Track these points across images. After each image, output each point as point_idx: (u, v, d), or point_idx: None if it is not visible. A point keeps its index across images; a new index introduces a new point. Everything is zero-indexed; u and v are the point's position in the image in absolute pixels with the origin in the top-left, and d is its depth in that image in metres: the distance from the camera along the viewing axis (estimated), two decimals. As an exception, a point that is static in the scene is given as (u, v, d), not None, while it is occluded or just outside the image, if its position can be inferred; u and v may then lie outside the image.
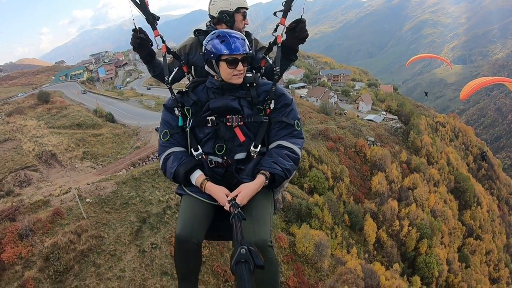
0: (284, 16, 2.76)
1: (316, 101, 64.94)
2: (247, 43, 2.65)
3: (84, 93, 65.62)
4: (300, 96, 70.68)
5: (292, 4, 2.71)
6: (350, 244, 31.96)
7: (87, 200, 23.72)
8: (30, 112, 45.43)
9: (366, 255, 33.28)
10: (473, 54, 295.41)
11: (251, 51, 2.68)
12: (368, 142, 48.58)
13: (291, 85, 79.28)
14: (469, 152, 76.50)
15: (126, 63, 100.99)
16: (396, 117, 65.77)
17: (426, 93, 66.31)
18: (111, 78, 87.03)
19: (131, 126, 40.56)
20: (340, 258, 28.16)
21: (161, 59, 3.11)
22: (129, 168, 29.50)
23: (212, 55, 2.60)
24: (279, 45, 2.86)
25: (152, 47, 3.04)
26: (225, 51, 2.55)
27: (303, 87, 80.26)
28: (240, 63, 2.58)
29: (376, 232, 36.90)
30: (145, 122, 39.12)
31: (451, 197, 54.19)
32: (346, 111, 64.09)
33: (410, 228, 40.34)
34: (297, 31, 2.76)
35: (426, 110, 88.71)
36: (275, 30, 2.87)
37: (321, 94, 69.24)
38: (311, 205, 31.05)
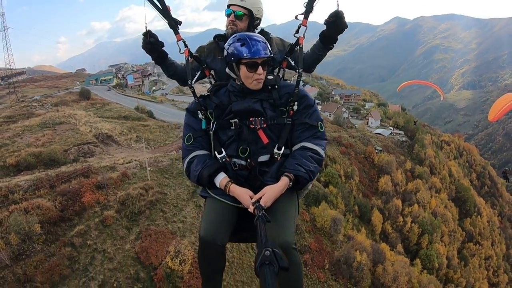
0: (306, 17, 2.90)
1: (330, 116, 71.00)
2: (269, 46, 2.72)
3: (108, 90, 71.98)
4: (315, 111, 76.72)
5: (314, 5, 2.85)
6: (359, 230, 37.76)
7: (148, 168, 27.36)
8: (74, 105, 49.41)
9: (373, 242, 39.08)
10: (483, 80, 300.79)
11: (272, 55, 2.73)
12: (376, 151, 54.75)
13: None
14: (473, 170, 79.11)
15: (150, 74, 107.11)
16: (402, 132, 71.83)
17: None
18: (139, 85, 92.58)
19: (171, 122, 45.34)
20: (352, 236, 34.02)
21: (174, 59, 3.34)
22: (178, 151, 32.77)
23: (232, 58, 2.69)
24: (301, 46, 2.99)
25: (163, 49, 3.14)
26: (245, 54, 2.62)
27: (317, 103, 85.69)
28: (260, 67, 2.64)
29: (382, 224, 42.22)
30: (183, 120, 44.81)
31: (451, 204, 58.15)
32: (356, 125, 70.55)
33: (413, 224, 45.17)
34: (336, 25, 2.87)
35: (432, 129, 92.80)
36: (297, 31, 3.00)
37: (334, 109, 76.06)
38: (327, 193, 37.11)
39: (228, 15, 3.18)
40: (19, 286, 17.04)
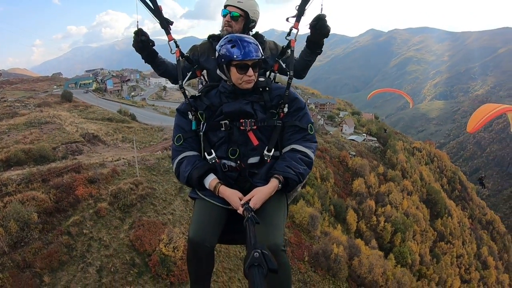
0: (298, 20, 2.89)
1: None
2: (260, 48, 2.74)
3: (85, 92, 72.74)
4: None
5: (306, 8, 2.84)
6: (335, 227, 39.95)
7: (137, 166, 28.58)
8: (57, 107, 49.71)
9: (349, 238, 41.33)
10: (455, 91, 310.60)
11: (263, 56, 2.74)
12: (350, 155, 57.64)
13: None
14: (444, 175, 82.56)
15: (129, 79, 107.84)
16: (375, 139, 75.30)
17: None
18: (118, 90, 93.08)
19: (154, 125, 45.95)
20: (329, 232, 36.23)
21: (164, 57, 3.35)
22: (163, 151, 34.17)
23: (223, 60, 2.71)
24: (292, 49, 3.04)
25: (153, 47, 3.15)
26: (235, 56, 2.64)
27: None
28: (250, 69, 2.67)
29: (357, 223, 44.71)
30: (166, 124, 44.51)
31: (423, 206, 60.94)
32: (331, 132, 73.56)
33: (386, 223, 47.71)
34: (318, 28, 2.84)
35: (404, 137, 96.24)
36: (289, 34, 3.01)
37: (310, 116, 79.11)
38: (303, 193, 39.39)
39: (224, 16, 3.24)
40: (19, 272, 18.04)
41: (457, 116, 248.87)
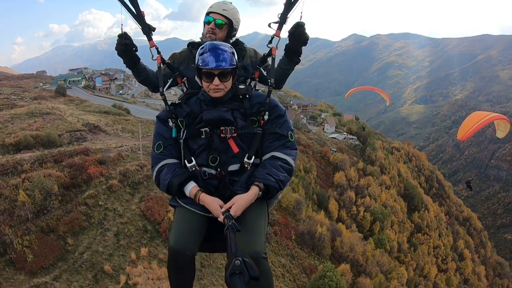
0: (279, 28, 2.94)
1: None
2: (234, 57, 2.77)
3: (69, 88, 73.16)
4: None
5: (288, 17, 2.87)
6: (319, 213, 43.67)
7: (139, 152, 30.86)
8: (53, 100, 51.07)
9: (331, 222, 44.63)
10: (435, 95, 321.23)
11: (234, 65, 2.75)
12: (331, 151, 61.70)
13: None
14: (421, 174, 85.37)
15: (116, 78, 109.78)
16: (355, 137, 79.40)
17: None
18: (106, 88, 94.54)
19: (149, 119, 48.79)
20: (312, 216, 39.62)
21: (146, 64, 3.36)
22: None
23: (195, 67, 2.79)
24: (273, 57, 3.04)
25: (136, 53, 3.18)
26: (200, 64, 2.70)
27: None
28: (216, 78, 2.68)
29: (338, 212, 48.27)
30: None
31: (400, 199, 64.12)
32: (313, 131, 77.30)
33: (365, 213, 51.27)
34: (297, 35, 2.92)
35: (383, 137, 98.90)
36: (270, 42, 3.04)
37: (293, 115, 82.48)
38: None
39: (207, 23, 3.28)
40: (44, 235, 20.80)
41: (437, 120, 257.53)
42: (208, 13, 3.32)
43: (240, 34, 3.51)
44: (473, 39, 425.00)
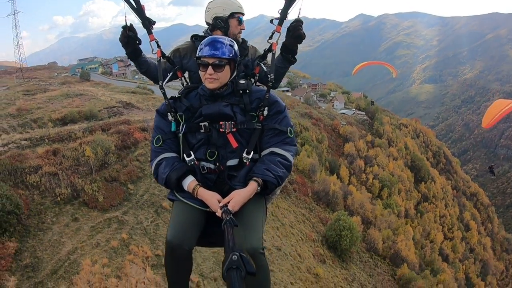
0: (280, 24, 3.05)
1: (300, 98, 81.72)
2: (234, 49, 2.85)
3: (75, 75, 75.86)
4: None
5: (288, 12, 2.97)
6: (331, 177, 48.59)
7: None
8: (80, 84, 54.07)
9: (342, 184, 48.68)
10: (444, 75, 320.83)
11: (230, 57, 2.80)
12: (341, 124, 66.59)
13: (278, 89, 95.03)
14: (429, 150, 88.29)
15: (130, 64, 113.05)
16: (364, 113, 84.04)
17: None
18: (123, 74, 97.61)
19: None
20: (326, 178, 44.32)
21: (149, 56, 3.45)
22: None
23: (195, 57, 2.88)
24: (273, 52, 3.11)
25: (139, 45, 3.28)
26: (198, 53, 2.80)
27: (287, 90, 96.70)
28: (210, 67, 2.75)
29: (349, 178, 53.01)
30: None
31: (407, 170, 68.11)
32: (323, 107, 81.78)
33: (374, 180, 55.80)
34: (291, 30, 3.04)
35: (391, 114, 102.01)
36: (271, 37, 3.14)
37: (303, 93, 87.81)
38: (303, 150, 47.97)
39: (241, 23, 3.42)
40: (108, 183, 24.98)
41: (446, 99, 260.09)
42: (238, 13, 3.43)
43: (245, 17, 3.55)
44: (482, 17, 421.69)
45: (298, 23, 3.03)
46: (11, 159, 25.21)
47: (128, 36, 3.14)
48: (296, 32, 3.04)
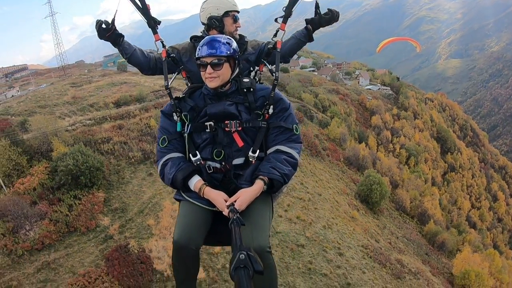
0: (284, 21, 3.09)
1: (326, 77, 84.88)
2: (232, 46, 2.84)
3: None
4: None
5: (292, 10, 3.04)
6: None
7: None
8: (119, 75, 57.85)
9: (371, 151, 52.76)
10: (470, 48, 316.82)
11: (228, 54, 2.79)
12: (367, 99, 70.67)
13: (304, 69, 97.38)
14: (456, 123, 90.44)
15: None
16: (388, 88, 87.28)
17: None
18: None
19: None
20: (356, 146, 49.01)
21: (129, 41, 3.37)
22: None
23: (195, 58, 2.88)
24: (278, 50, 3.13)
25: (116, 32, 3.16)
26: (197, 54, 2.82)
27: (313, 70, 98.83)
28: (208, 66, 2.76)
29: (377, 148, 56.75)
30: None
31: (433, 141, 71.06)
32: (349, 84, 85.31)
33: (401, 149, 59.52)
34: (331, 13, 3.21)
35: (416, 89, 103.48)
36: (275, 35, 3.20)
37: (329, 72, 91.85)
38: (333, 121, 52.10)
39: (236, 21, 3.41)
40: None
41: (473, 74, 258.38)
42: (233, 11, 3.40)
43: (265, 2, 4.72)
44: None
45: (336, 13, 3.23)
46: (83, 133, 31.06)
47: (100, 28, 3.08)
48: (333, 20, 3.21)
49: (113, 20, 3.06)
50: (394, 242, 31.42)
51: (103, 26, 3.05)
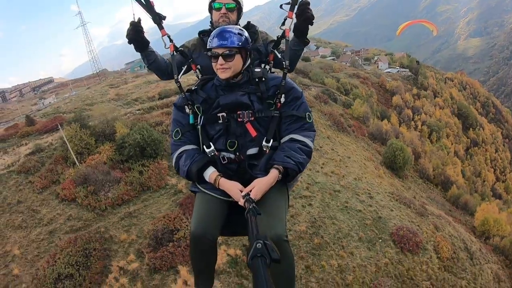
0: (291, 9, 3.06)
1: (346, 63, 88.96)
2: (244, 37, 2.92)
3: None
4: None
5: None
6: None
7: None
8: (150, 76, 57.70)
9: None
10: (489, 26, 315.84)
11: (240, 45, 2.86)
12: (387, 81, 74.37)
13: (324, 58, 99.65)
14: (477, 101, 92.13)
15: None
16: (407, 69, 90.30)
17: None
18: None
19: None
20: (379, 122, 53.05)
21: (154, 48, 3.50)
22: None
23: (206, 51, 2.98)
24: (287, 38, 3.16)
25: (144, 36, 3.32)
26: (208, 46, 2.90)
27: (333, 59, 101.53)
28: (220, 57, 2.83)
29: (399, 125, 59.82)
30: None
31: (454, 117, 73.76)
32: (368, 69, 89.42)
33: (423, 126, 62.83)
34: (299, 14, 3.08)
35: (436, 70, 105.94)
36: (283, 23, 3.16)
37: (348, 58, 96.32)
38: (355, 102, 56.20)
39: (218, 9, 3.41)
40: None
41: (495, 52, 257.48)
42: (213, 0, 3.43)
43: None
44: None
45: (304, 5, 3.07)
46: (137, 119, 35.78)
47: (136, 28, 3.22)
48: (304, 15, 3.09)
49: (140, 20, 3.24)
50: (418, 198, 35.31)
51: (139, 26, 3.24)
